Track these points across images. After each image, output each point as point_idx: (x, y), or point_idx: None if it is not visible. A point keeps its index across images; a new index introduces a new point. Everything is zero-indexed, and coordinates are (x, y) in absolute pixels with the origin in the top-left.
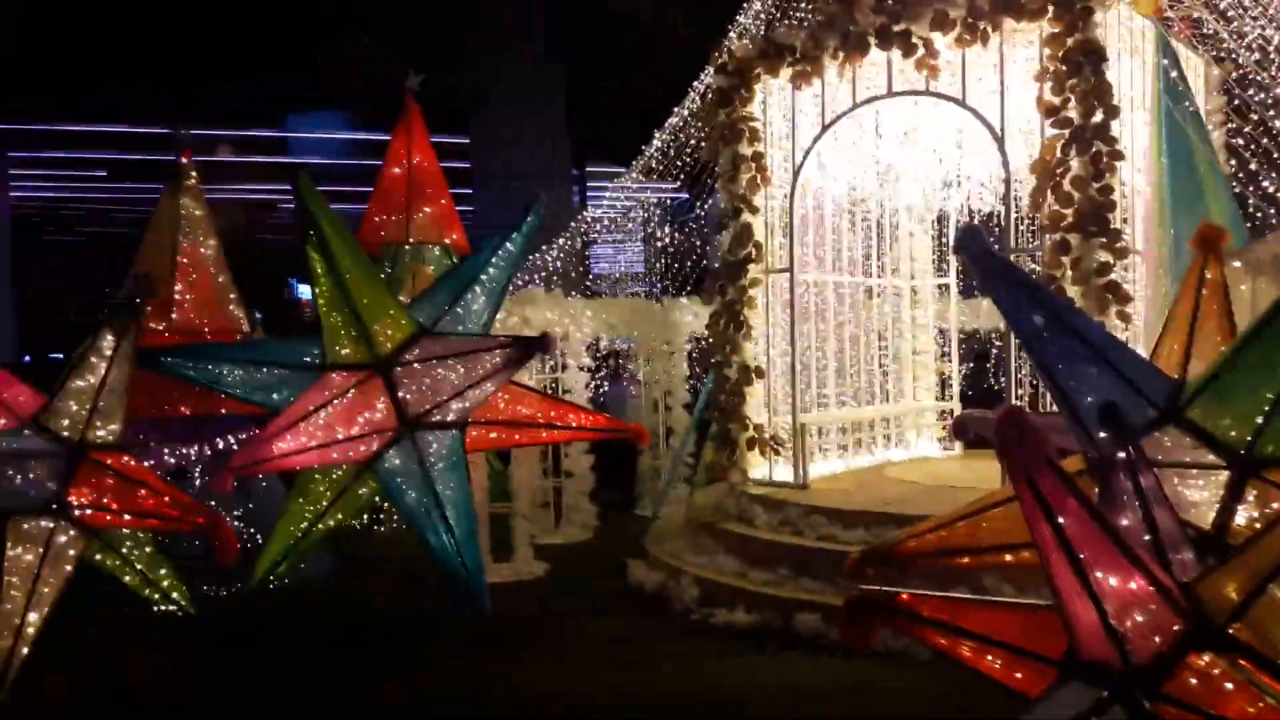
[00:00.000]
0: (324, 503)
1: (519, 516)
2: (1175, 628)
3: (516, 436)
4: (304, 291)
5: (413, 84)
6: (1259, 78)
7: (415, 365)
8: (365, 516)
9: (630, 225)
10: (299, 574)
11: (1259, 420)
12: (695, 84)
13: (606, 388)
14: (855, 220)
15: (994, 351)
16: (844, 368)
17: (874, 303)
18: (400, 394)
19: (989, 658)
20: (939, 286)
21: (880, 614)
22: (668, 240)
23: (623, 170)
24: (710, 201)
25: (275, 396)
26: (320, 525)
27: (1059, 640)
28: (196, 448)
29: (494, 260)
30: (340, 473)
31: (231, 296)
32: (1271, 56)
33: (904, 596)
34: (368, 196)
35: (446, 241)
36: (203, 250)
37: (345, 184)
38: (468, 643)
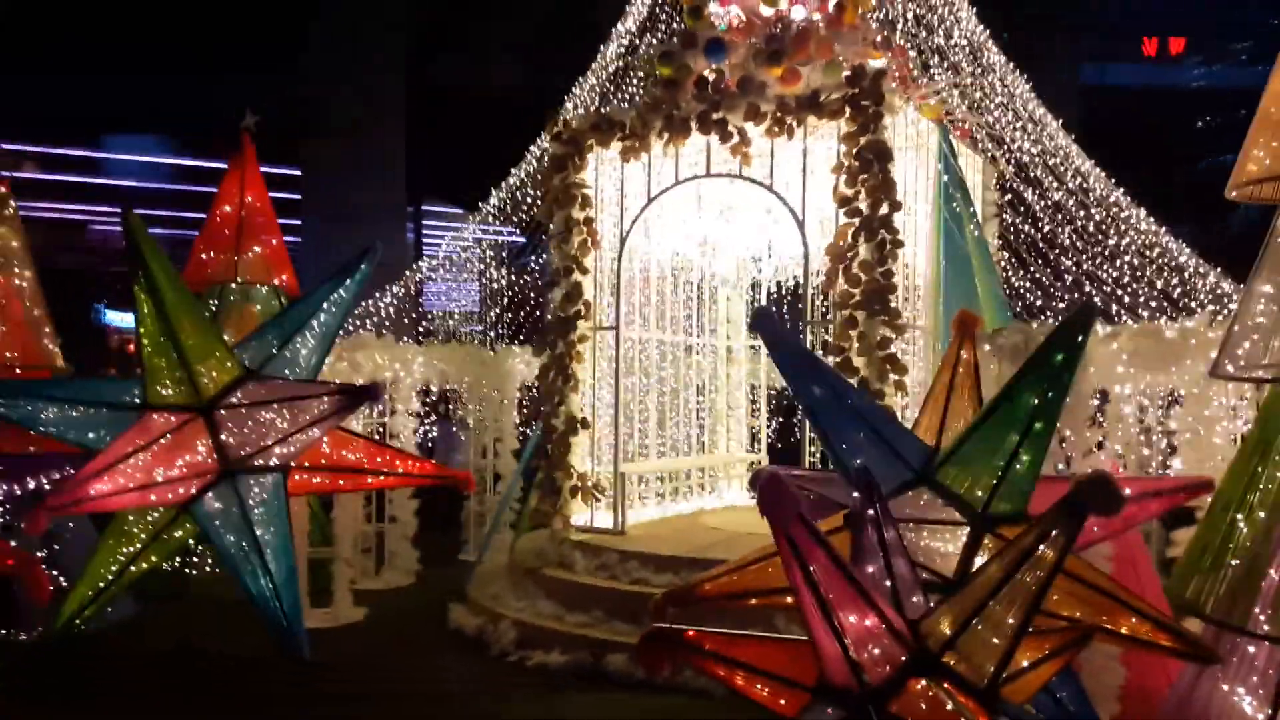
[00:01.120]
0: (138, 545)
1: (340, 561)
2: (901, 657)
3: (341, 482)
4: (111, 318)
5: (248, 123)
6: (1019, 181)
7: (239, 408)
8: (176, 559)
9: (466, 265)
10: (102, 618)
11: (993, 483)
12: (532, 147)
13: (435, 432)
14: (677, 283)
15: (799, 409)
16: (664, 419)
17: (692, 359)
18: (222, 437)
19: (758, 686)
20: (751, 347)
21: (670, 648)
22: (503, 285)
23: (458, 210)
24: (545, 256)
25: (92, 436)
26: (133, 568)
27: (813, 669)
28: (6, 487)
29: (325, 305)
30: (157, 514)
31: (46, 330)
32: (1036, 161)
33: (690, 633)
34: (184, 221)
35: (276, 282)
36: (17, 282)
37: (162, 208)
38: (285, 687)
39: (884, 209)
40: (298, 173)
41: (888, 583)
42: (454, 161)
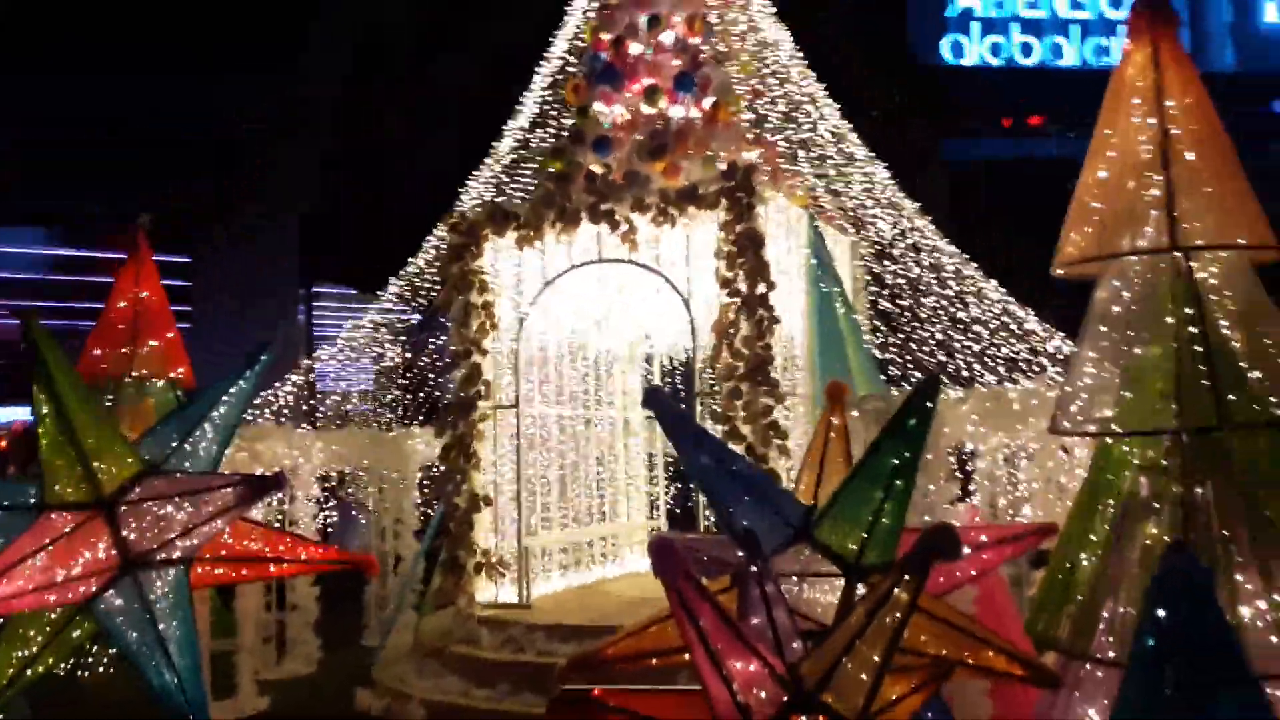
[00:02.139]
0: (34, 647)
1: (242, 652)
2: (783, 698)
3: (244, 572)
4: None
5: (143, 222)
6: (878, 260)
7: (140, 503)
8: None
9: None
10: None
11: (863, 536)
12: (429, 237)
13: (335, 517)
14: (575, 359)
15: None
16: (565, 491)
17: (591, 432)
18: (123, 533)
19: None
20: (648, 418)
21: (578, 708)
22: (400, 365)
23: (352, 291)
24: (443, 337)
25: None
26: (30, 672)
27: (707, 715)
28: None
29: (225, 398)
30: (54, 615)
31: None
32: (892, 241)
33: (595, 691)
34: (67, 313)
35: (172, 375)
36: None
37: (45, 300)
38: None
39: (760, 289)
40: (188, 260)
41: (770, 632)
42: (345, 244)
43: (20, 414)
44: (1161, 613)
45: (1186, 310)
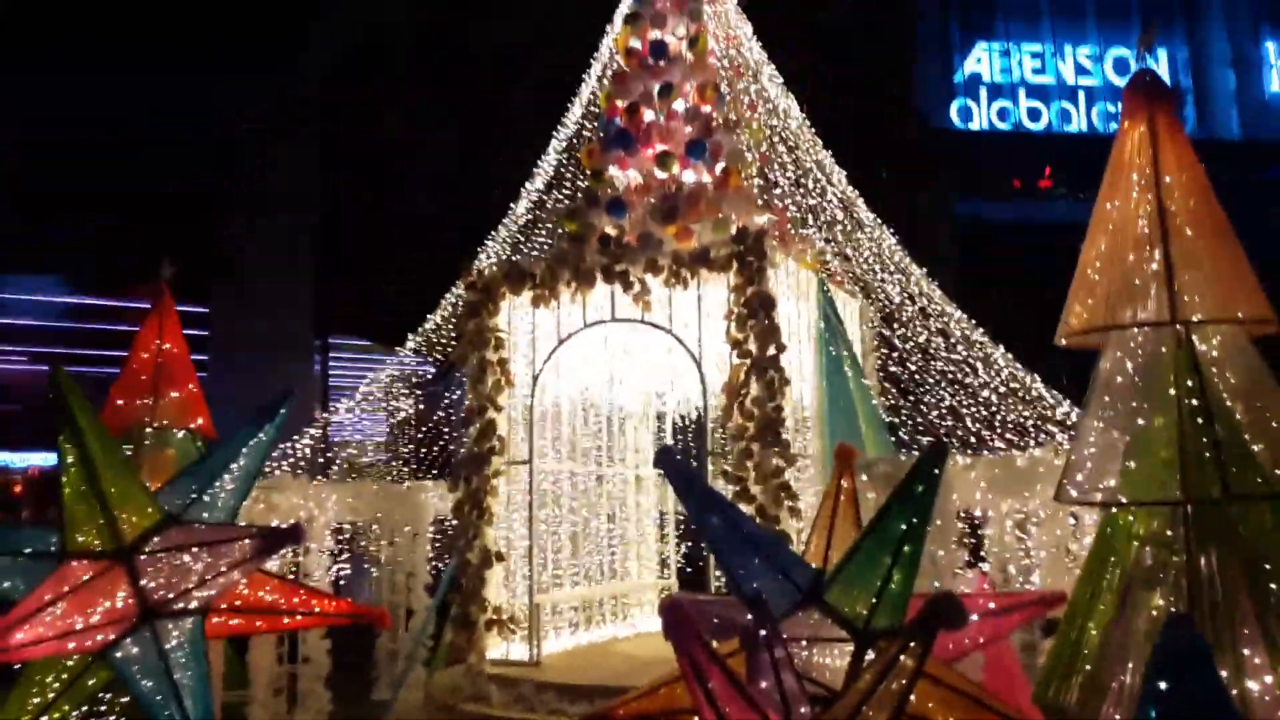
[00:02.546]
0: (50, 694)
1: (254, 703)
2: None
3: (258, 623)
4: None
5: (166, 274)
6: (886, 324)
7: (159, 554)
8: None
9: (380, 400)
10: None
11: (872, 601)
12: (447, 295)
13: (348, 570)
14: (587, 416)
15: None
16: (576, 548)
17: (603, 489)
18: (142, 582)
19: None
20: (659, 475)
21: None
22: (414, 418)
23: (366, 342)
24: (458, 391)
25: (7, 585)
26: (45, 719)
27: None
28: None
29: (244, 449)
30: (70, 662)
31: None
32: (901, 303)
33: None
34: (82, 359)
35: (192, 426)
36: None
37: (59, 346)
38: None
39: (771, 350)
40: (205, 310)
41: (778, 696)
42: (359, 296)
43: (34, 459)
44: (1163, 684)
45: (1188, 382)
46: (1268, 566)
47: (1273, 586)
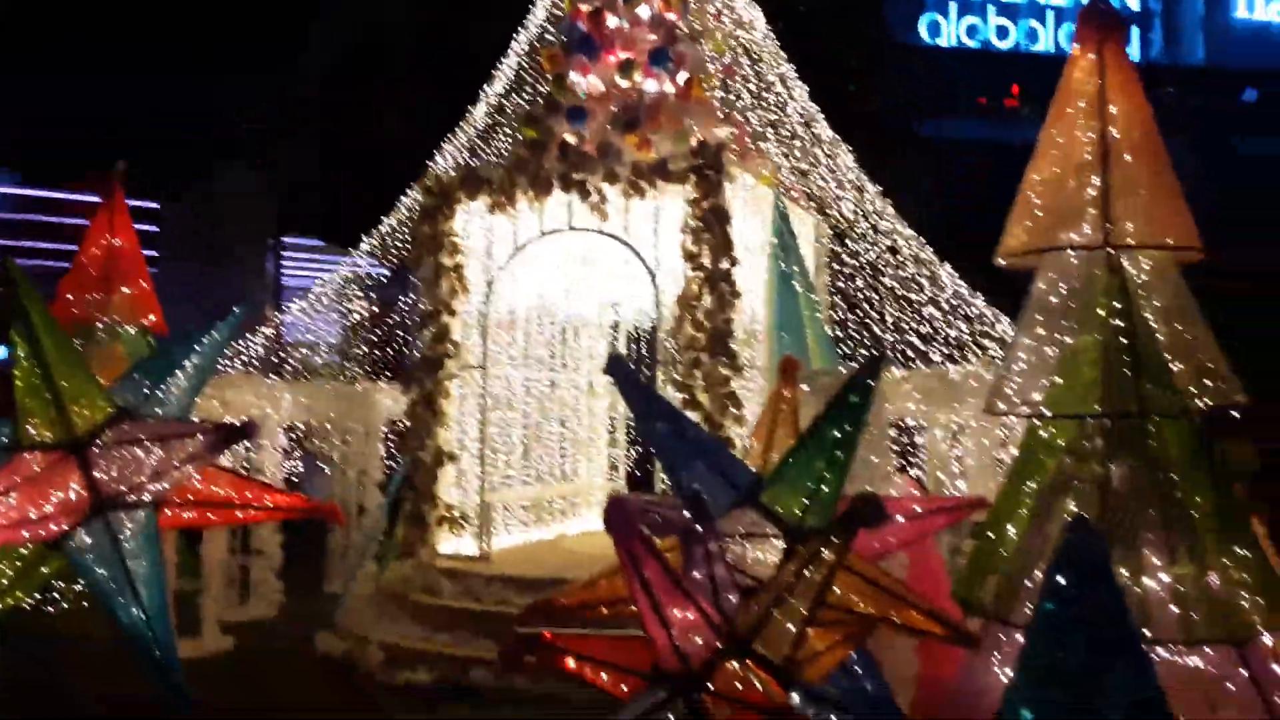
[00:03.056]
0: (4, 581)
1: (207, 593)
2: (717, 644)
3: (211, 516)
4: None
5: (119, 169)
6: (846, 236)
7: (112, 446)
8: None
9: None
10: None
11: (805, 502)
12: (402, 198)
13: (300, 467)
14: (543, 323)
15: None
16: (528, 451)
17: (556, 394)
18: (95, 474)
19: (603, 675)
20: (610, 382)
21: (531, 648)
22: (367, 320)
23: (320, 243)
24: (411, 295)
25: None
26: (0, 605)
27: (648, 659)
28: None
29: (198, 347)
30: (26, 551)
31: None
32: (855, 221)
33: (547, 634)
34: (33, 252)
35: (144, 323)
36: None
37: (9, 238)
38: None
39: (724, 264)
40: (156, 206)
41: (709, 585)
42: (314, 195)
43: None
44: (1061, 580)
45: (1116, 305)
46: (1175, 477)
47: (1177, 495)
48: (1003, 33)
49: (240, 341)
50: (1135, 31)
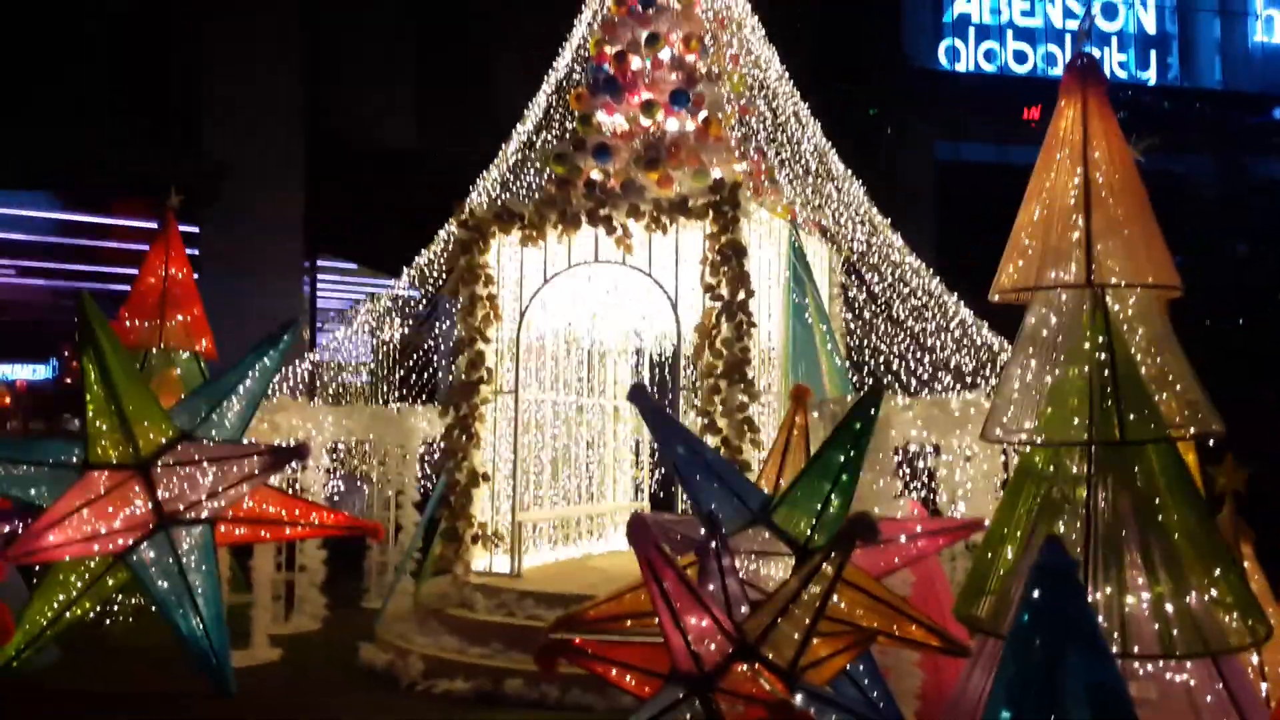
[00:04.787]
0: (73, 592)
1: (256, 607)
2: (728, 649)
3: (263, 533)
4: None
5: (173, 204)
6: (860, 268)
7: (174, 467)
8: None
9: (367, 324)
10: (32, 662)
11: (813, 522)
12: (440, 232)
13: (341, 486)
14: (570, 350)
15: None
16: (557, 472)
17: (583, 418)
18: (158, 492)
19: (628, 678)
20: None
21: (561, 652)
22: (405, 345)
23: (354, 266)
24: (449, 322)
25: (34, 492)
26: (69, 614)
27: (667, 663)
28: None
29: (251, 373)
30: (94, 563)
31: None
32: (870, 254)
33: (576, 640)
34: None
35: (197, 348)
36: None
37: (50, 260)
38: None
39: (741, 295)
40: (195, 230)
41: (723, 596)
42: (349, 217)
43: (22, 372)
44: (1035, 593)
45: (1100, 339)
46: (1156, 501)
47: (1158, 518)
48: (1020, 57)
49: (286, 366)
50: (1152, 54)
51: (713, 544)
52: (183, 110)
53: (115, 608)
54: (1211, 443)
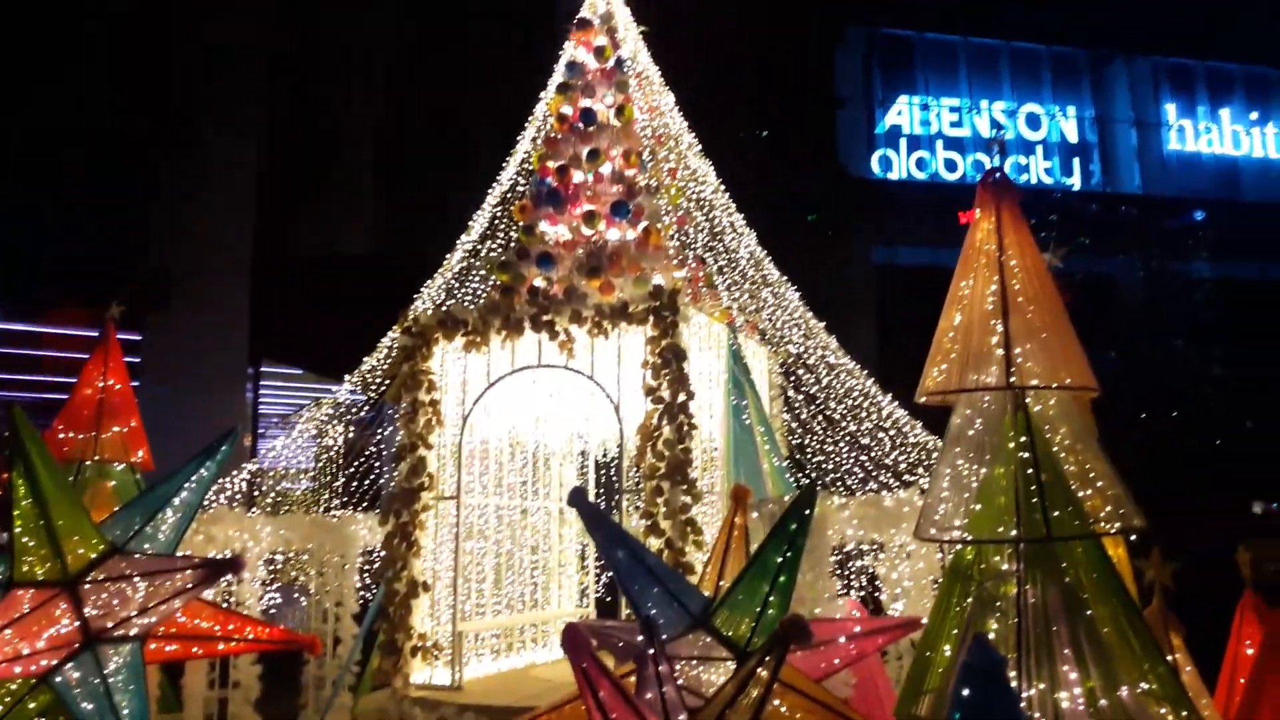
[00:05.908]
0: None
1: None
2: None
3: (195, 649)
4: None
5: (114, 314)
6: (798, 369)
7: (103, 583)
8: None
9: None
10: None
11: (752, 624)
12: (382, 341)
13: (279, 598)
14: (514, 453)
15: None
16: (500, 579)
17: (527, 521)
18: (86, 610)
19: None
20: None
21: None
22: (347, 451)
23: (298, 371)
24: (390, 428)
25: None
26: None
27: None
28: None
29: (187, 484)
30: (15, 686)
31: None
32: (806, 355)
33: None
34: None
35: (133, 460)
36: None
37: None
38: None
39: (681, 398)
40: (137, 337)
41: (660, 705)
42: (293, 323)
43: None
44: (964, 692)
45: (1023, 438)
46: (1084, 596)
47: (1087, 613)
48: (951, 166)
49: (224, 476)
50: (1075, 161)
51: (650, 650)
52: (131, 217)
53: None
54: (1135, 537)
